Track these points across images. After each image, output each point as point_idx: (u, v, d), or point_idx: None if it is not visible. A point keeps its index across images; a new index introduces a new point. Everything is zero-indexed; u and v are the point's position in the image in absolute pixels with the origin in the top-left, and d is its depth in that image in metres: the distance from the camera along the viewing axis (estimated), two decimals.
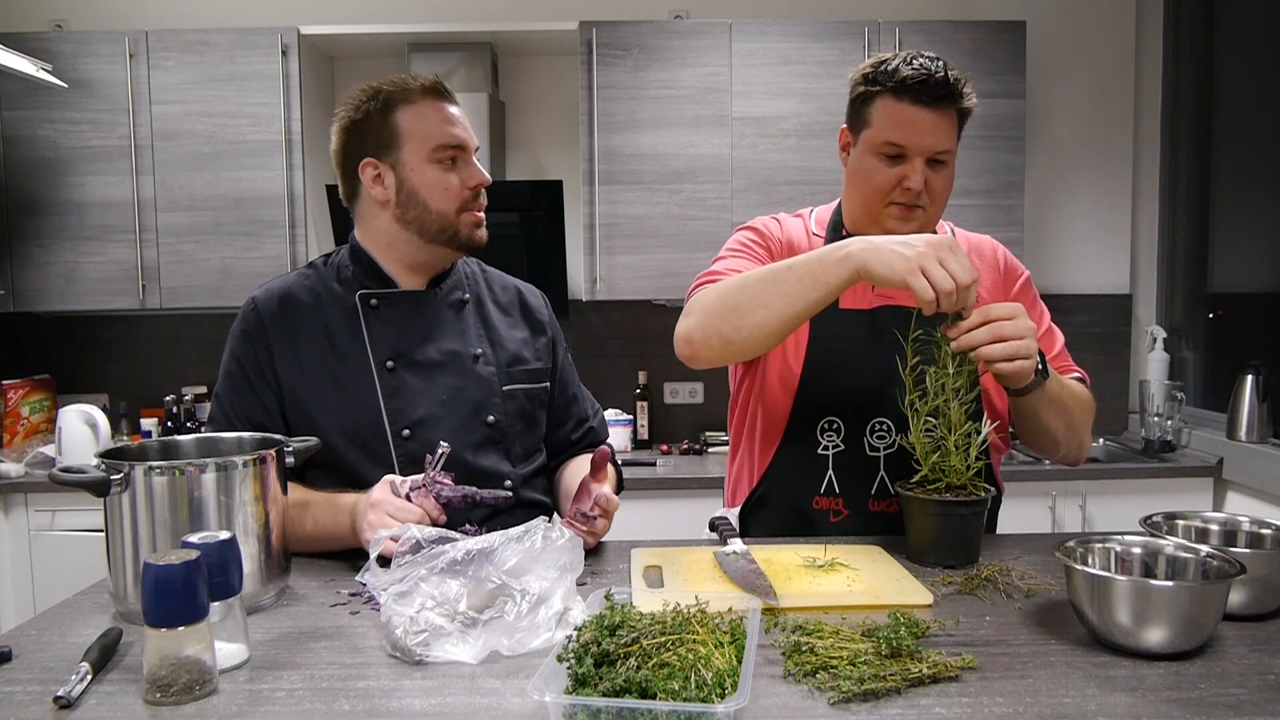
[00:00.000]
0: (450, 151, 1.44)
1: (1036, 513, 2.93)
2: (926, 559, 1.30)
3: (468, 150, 1.46)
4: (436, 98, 1.45)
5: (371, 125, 1.43)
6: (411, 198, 1.43)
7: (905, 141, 1.39)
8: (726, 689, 0.82)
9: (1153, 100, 3.50)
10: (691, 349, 1.36)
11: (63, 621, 1.12)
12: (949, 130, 1.40)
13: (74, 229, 3.13)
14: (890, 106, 1.40)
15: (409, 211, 1.43)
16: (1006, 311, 1.23)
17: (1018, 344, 1.22)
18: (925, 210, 1.43)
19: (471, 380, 1.47)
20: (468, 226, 1.46)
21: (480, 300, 1.55)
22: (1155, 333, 3.40)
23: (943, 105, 1.38)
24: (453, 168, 1.44)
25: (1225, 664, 0.95)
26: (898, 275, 1.18)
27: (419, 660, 0.96)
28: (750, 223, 1.59)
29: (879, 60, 1.42)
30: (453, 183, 1.44)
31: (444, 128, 1.43)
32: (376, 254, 1.47)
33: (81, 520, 2.93)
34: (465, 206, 1.45)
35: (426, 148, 1.42)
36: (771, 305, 1.26)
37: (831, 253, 1.25)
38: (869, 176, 1.44)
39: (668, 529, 2.87)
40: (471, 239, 1.47)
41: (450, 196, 1.43)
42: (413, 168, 1.42)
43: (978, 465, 1.30)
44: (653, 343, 3.51)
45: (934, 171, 1.41)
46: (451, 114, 1.45)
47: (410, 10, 3.45)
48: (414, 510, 1.23)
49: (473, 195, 1.46)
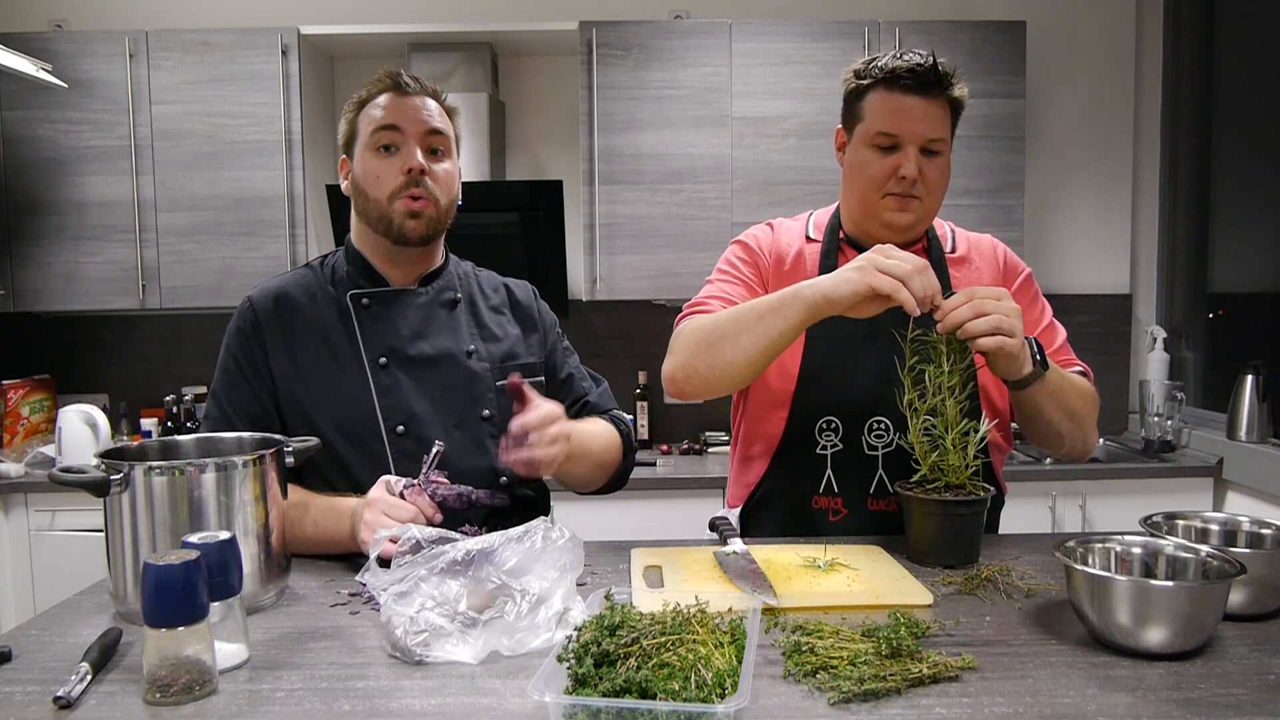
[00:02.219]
0: (383, 135, 1.41)
1: (1036, 513, 2.93)
2: (926, 559, 1.30)
3: (406, 134, 1.42)
4: (389, 90, 1.44)
5: (347, 126, 1.48)
6: (357, 188, 1.46)
7: (898, 130, 1.41)
8: (726, 689, 0.82)
9: (1153, 100, 3.50)
10: (676, 387, 1.42)
11: (63, 621, 1.12)
12: (941, 119, 1.42)
13: (74, 229, 3.13)
14: (882, 97, 1.42)
15: (359, 203, 1.46)
16: (990, 293, 1.27)
17: (1000, 318, 1.24)
18: (922, 201, 1.44)
19: (464, 376, 1.47)
20: (399, 215, 1.42)
21: (473, 299, 1.56)
22: (1155, 333, 3.40)
23: (933, 93, 1.40)
24: (390, 155, 1.42)
25: (1225, 664, 0.95)
26: (862, 286, 1.23)
27: (419, 660, 0.96)
28: (742, 235, 1.60)
29: (870, 57, 1.45)
30: (385, 169, 1.42)
31: (384, 114, 1.42)
32: (366, 253, 1.49)
33: (81, 520, 2.93)
34: (397, 194, 1.41)
35: (367, 136, 1.43)
36: (739, 344, 1.33)
37: (788, 293, 1.30)
38: (864, 168, 1.45)
39: (668, 529, 2.87)
40: (402, 229, 1.42)
41: (383, 183, 1.42)
42: (360, 159, 1.45)
43: (976, 464, 1.31)
44: (653, 343, 3.50)
45: (928, 161, 1.43)
46: (398, 101, 1.43)
47: (410, 10, 3.45)
48: (409, 509, 1.23)
49: (406, 181, 1.41)
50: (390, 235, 1.44)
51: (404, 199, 1.41)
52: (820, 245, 1.54)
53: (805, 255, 1.54)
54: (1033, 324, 1.53)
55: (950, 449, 1.29)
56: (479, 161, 3.23)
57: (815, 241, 1.55)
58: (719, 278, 1.56)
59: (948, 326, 1.26)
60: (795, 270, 1.53)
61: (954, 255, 1.55)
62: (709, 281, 1.56)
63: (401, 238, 1.43)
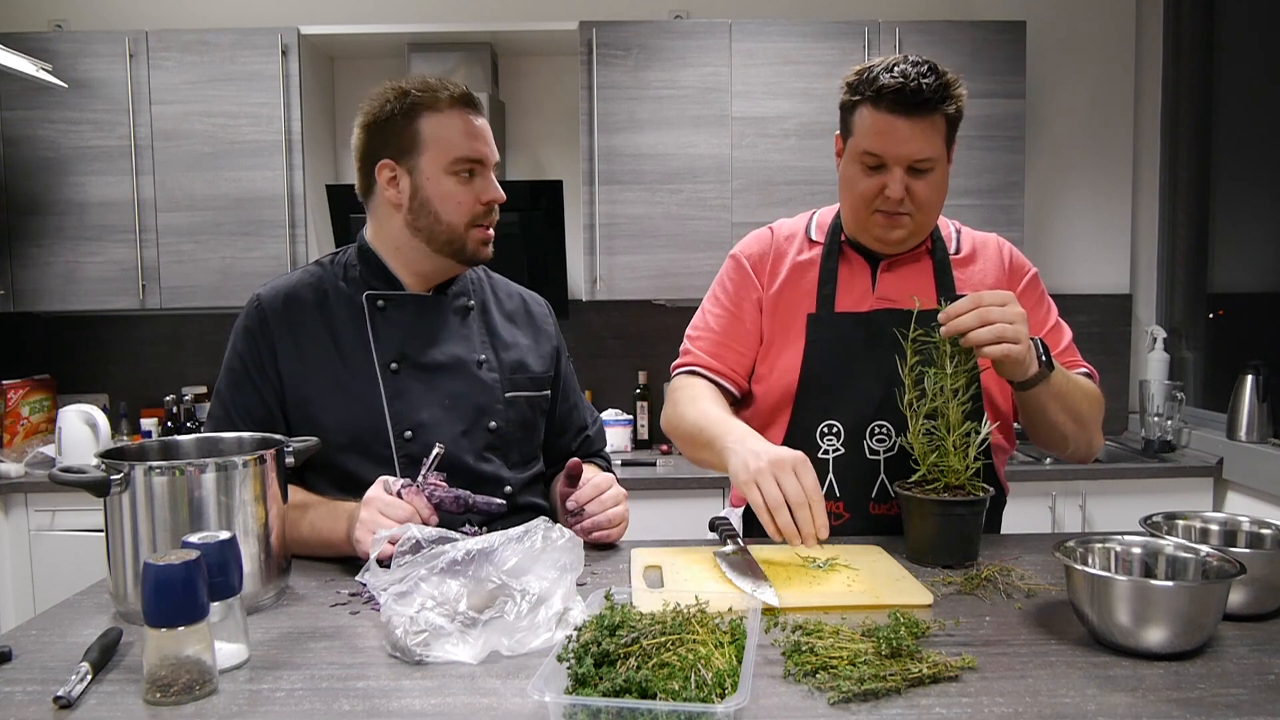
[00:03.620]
0: (469, 165, 1.42)
1: (1036, 513, 2.93)
2: (924, 559, 1.30)
3: (487, 165, 1.44)
4: (464, 108, 1.43)
5: (394, 127, 1.41)
6: (424, 206, 1.42)
7: (882, 151, 1.38)
8: (726, 689, 0.82)
9: (1153, 100, 3.50)
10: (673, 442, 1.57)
11: (63, 621, 1.12)
12: (931, 137, 1.38)
13: (74, 229, 3.12)
14: (869, 116, 1.39)
15: (420, 219, 1.42)
16: (996, 298, 1.26)
17: (1004, 326, 1.24)
18: (912, 217, 1.43)
19: (475, 385, 1.47)
20: (475, 242, 1.44)
21: (485, 306, 1.56)
22: (1155, 333, 3.40)
23: (922, 113, 1.36)
24: (469, 181, 1.42)
25: (1225, 664, 0.95)
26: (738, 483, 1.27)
27: (419, 660, 0.96)
28: (739, 248, 1.61)
29: (865, 67, 1.41)
30: (466, 196, 1.42)
31: (466, 140, 1.41)
32: (385, 256, 1.47)
33: (81, 520, 2.93)
34: (476, 222, 1.44)
35: (446, 158, 1.40)
36: (695, 455, 1.49)
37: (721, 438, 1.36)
38: (853, 184, 1.44)
39: (668, 529, 2.87)
40: (477, 255, 1.46)
41: (462, 210, 1.42)
42: (429, 176, 1.41)
43: (976, 465, 1.30)
44: (653, 343, 3.51)
45: (917, 179, 1.40)
46: (476, 127, 1.43)
47: (410, 10, 3.45)
48: (404, 508, 1.23)
49: (485, 211, 1.44)
50: (460, 258, 1.45)
51: (479, 228, 1.44)
52: (822, 248, 1.54)
53: (803, 262, 1.54)
54: (1039, 325, 1.53)
55: (951, 450, 1.29)
56: None
57: (817, 244, 1.55)
58: (709, 307, 1.60)
59: (951, 333, 1.26)
60: (791, 283, 1.53)
61: (958, 256, 1.54)
62: (703, 305, 1.61)
63: (474, 260, 1.47)
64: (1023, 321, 1.26)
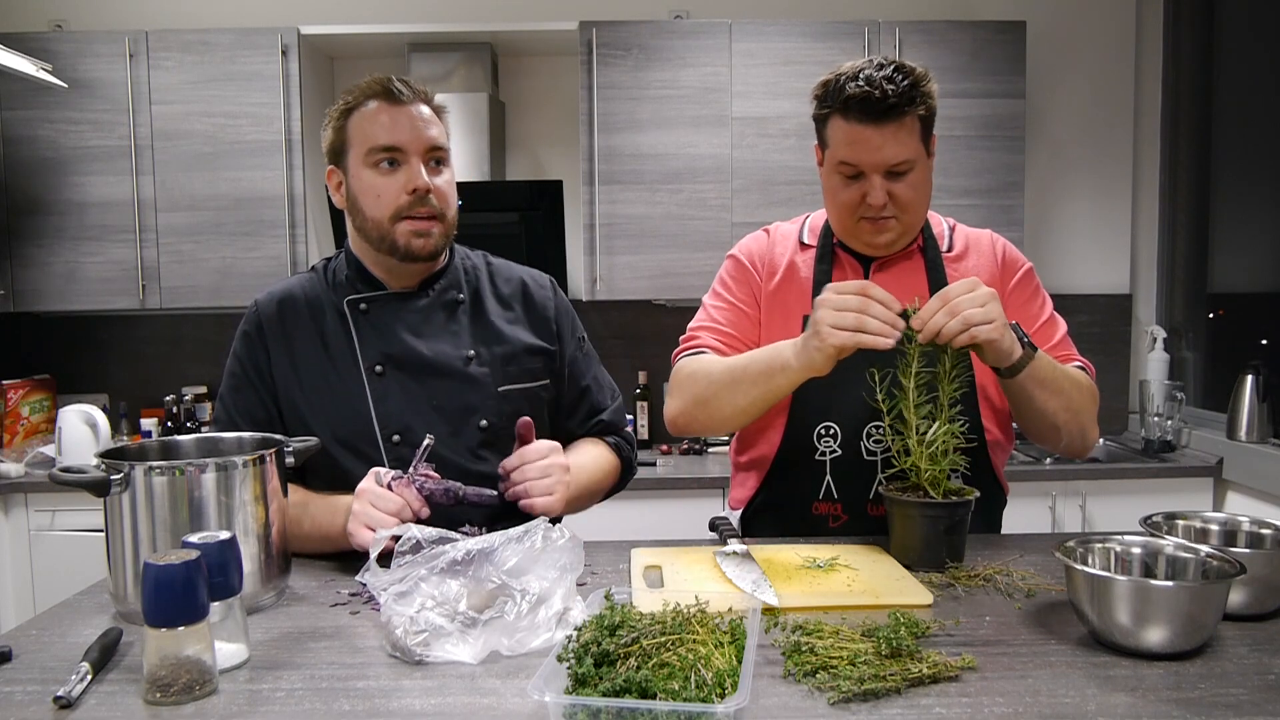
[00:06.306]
0: (382, 154, 1.37)
1: (1036, 513, 2.93)
2: (902, 559, 1.28)
3: (409, 152, 1.37)
4: (381, 99, 1.38)
5: (333, 134, 1.42)
6: (354, 204, 1.41)
7: (857, 160, 1.38)
8: (726, 689, 0.82)
9: (1153, 100, 3.50)
10: (678, 429, 1.52)
11: (63, 621, 1.12)
12: (905, 140, 1.37)
13: (74, 229, 3.12)
14: (840, 127, 1.39)
15: (356, 219, 1.42)
16: (961, 288, 1.26)
17: (971, 312, 1.23)
18: (899, 219, 1.43)
19: (463, 383, 1.44)
20: (404, 235, 1.38)
21: (479, 297, 1.51)
22: (1155, 333, 3.40)
23: (890, 119, 1.35)
24: (390, 171, 1.37)
25: (1225, 664, 0.95)
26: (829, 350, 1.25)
27: (419, 660, 0.97)
28: (737, 247, 1.60)
29: (831, 77, 1.40)
30: (388, 187, 1.37)
31: (381, 130, 1.36)
32: (363, 259, 1.47)
33: (81, 520, 2.93)
34: (402, 214, 1.37)
35: (362, 151, 1.38)
36: (734, 402, 1.41)
37: (775, 364, 1.34)
38: (835, 194, 1.45)
39: (668, 529, 2.87)
40: (409, 248, 1.38)
41: (383, 203, 1.37)
42: (354, 174, 1.40)
43: (945, 465, 1.28)
44: (653, 343, 3.50)
45: (897, 182, 1.39)
46: (395, 115, 1.37)
47: (410, 10, 3.45)
48: (395, 500, 1.23)
49: (411, 200, 1.37)
50: (395, 254, 1.39)
51: (408, 220, 1.38)
52: (815, 251, 1.54)
53: (798, 264, 1.54)
54: (1033, 318, 1.52)
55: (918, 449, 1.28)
56: (479, 161, 3.23)
57: (810, 247, 1.55)
58: (711, 302, 1.59)
59: (928, 336, 1.25)
60: (788, 282, 1.53)
61: (950, 254, 1.54)
62: (704, 303, 1.60)
63: (410, 256, 1.39)
64: (993, 299, 1.25)
